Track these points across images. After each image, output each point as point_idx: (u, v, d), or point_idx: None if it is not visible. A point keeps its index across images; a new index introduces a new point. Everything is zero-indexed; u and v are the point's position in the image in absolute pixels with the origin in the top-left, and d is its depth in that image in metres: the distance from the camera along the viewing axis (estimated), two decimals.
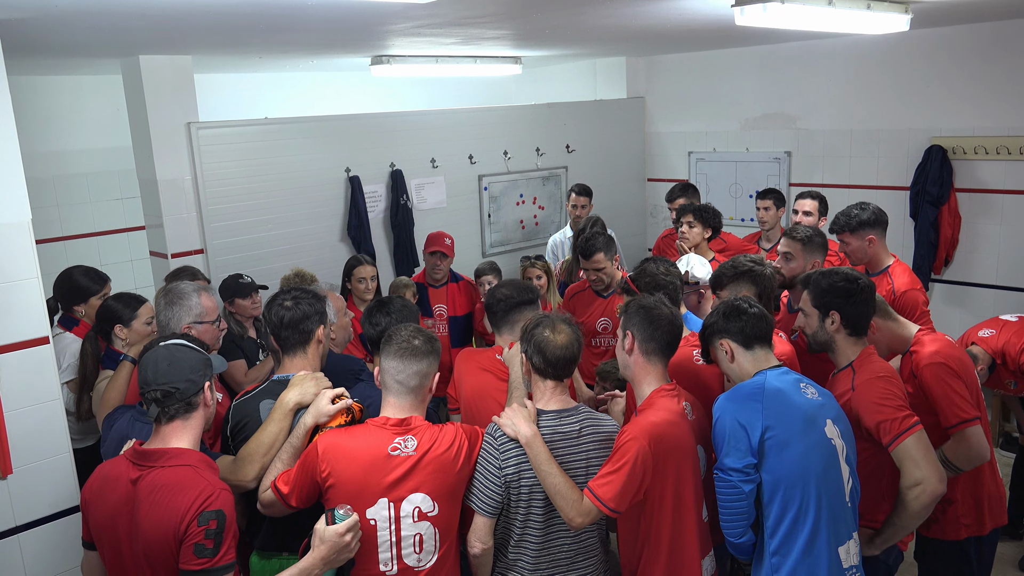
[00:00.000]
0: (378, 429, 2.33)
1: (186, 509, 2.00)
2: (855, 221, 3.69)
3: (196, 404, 2.17)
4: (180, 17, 3.24)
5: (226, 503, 2.04)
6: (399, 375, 2.34)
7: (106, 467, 2.22)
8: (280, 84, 6.86)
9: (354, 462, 2.27)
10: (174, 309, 2.97)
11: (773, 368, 2.46)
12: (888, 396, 2.48)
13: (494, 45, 5.10)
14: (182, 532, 1.99)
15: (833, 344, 2.67)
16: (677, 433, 2.38)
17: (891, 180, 5.89)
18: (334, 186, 5.40)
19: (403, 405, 2.36)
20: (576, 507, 2.29)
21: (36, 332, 2.94)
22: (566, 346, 2.43)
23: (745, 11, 3.33)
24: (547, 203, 6.68)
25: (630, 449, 2.30)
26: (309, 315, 2.60)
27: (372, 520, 2.27)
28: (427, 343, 2.37)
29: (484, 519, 2.36)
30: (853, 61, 5.96)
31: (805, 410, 2.36)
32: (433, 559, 2.32)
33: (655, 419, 2.37)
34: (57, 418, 3.01)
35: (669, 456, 2.35)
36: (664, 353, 2.50)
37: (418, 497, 2.28)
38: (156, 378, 2.12)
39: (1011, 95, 5.31)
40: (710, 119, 6.91)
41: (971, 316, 5.42)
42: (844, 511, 2.37)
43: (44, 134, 5.85)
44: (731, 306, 2.53)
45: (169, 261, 4.75)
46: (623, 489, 2.28)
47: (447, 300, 4.79)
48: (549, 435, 2.39)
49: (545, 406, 2.46)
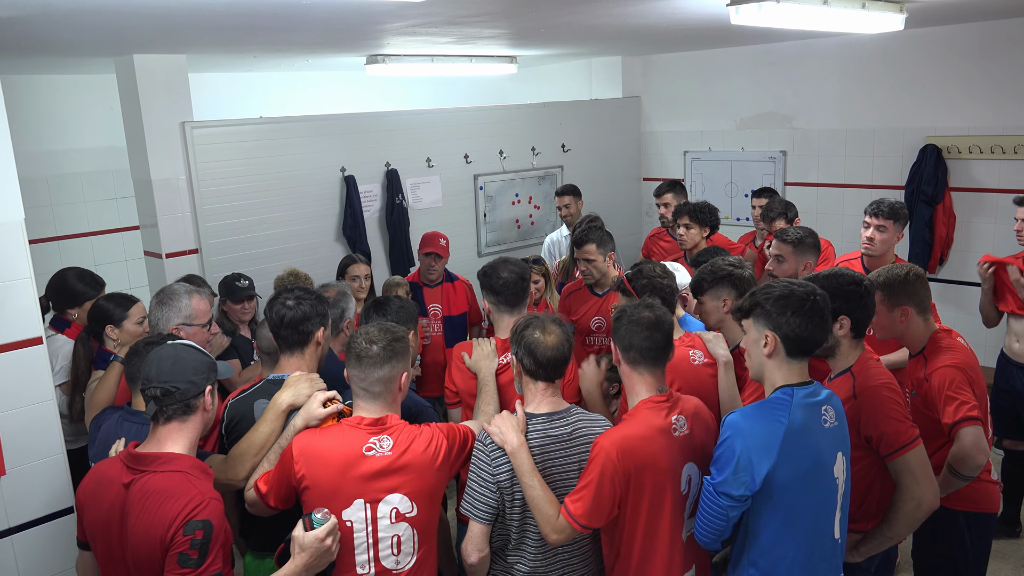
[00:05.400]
0: (352, 429, 2.28)
1: (173, 517, 1.97)
2: (903, 212, 3.74)
3: (195, 407, 2.14)
4: (174, 16, 3.23)
5: (214, 513, 2.00)
6: (362, 383, 2.29)
7: (101, 468, 2.19)
8: (275, 83, 6.85)
9: (328, 463, 2.23)
10: (164, 310, 2.97)
11: (801, 386, 2.20)
12: (894, 406, 2.42)
13: (489, 44, 5.10)
14: (168, 540, 1.97)
15: (836, 349, 2.58)
16: (652, 449, 2.23)
17: (886, 179, 5.90)
18: (329, 186, 5.39)
19: (373, 408, 2.32)
20: (551, 523, 2.22)
21: (29, 332, 2.93)
22: (556, 347, 2.37)
23: (740, 10, 3.33)
24: (543, 203, 6.68)
25: (597, 463, 2.21)
26: (310, 316, 2.58)
27: (348, 522, 2.22)
28: (386, 348, 2.29)
29: (480, 526, 2.32)
30: (848, 60, 5.97)
31: (820, 450, 2.18)
32: (412, 561, 2.28)
33: (628, 432, 2.26)
34: (50, 419, 3.00)
35: (643, 472, 2.22)
36: (649, 361, 2.33)
37: (396, 498, 2.24)
38: (158, 376, 2.09)
39: (1005, 94, 5.33)
40: (706, 118, 6.92)
41: (966, 315, 5.44)
42: (832, 549, 2.27)
43: (38, 134, 5.83)
44: (798, 298, 2.18)
45: (164, 261, 4.73)
46: (593, 505, 2.19)
47: (442, 300, 4.79)
48: (541, 439, 2.34)
49: (536, 409, 2.41)
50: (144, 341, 2.57)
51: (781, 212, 4.71)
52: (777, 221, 4.67)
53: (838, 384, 2.57)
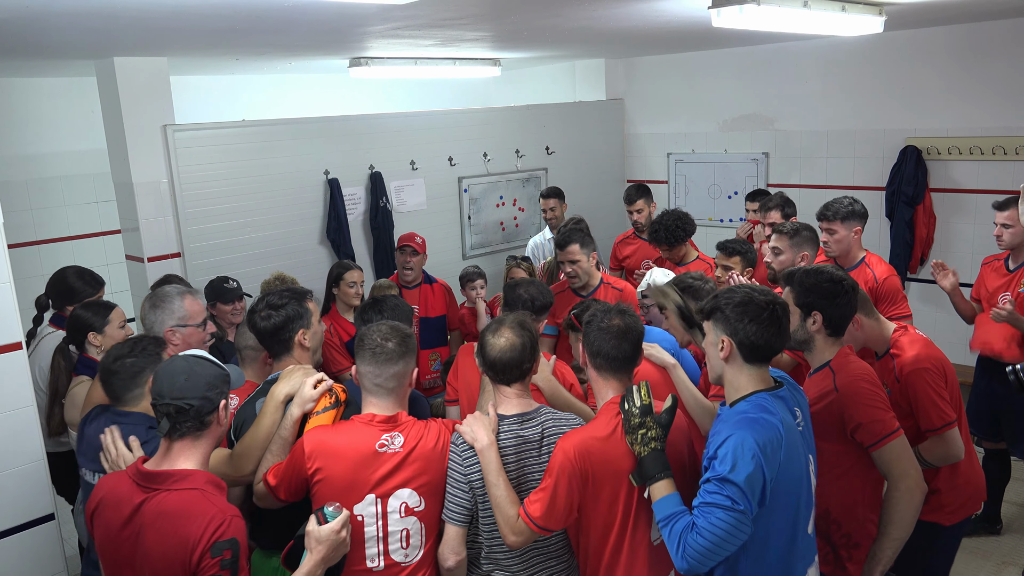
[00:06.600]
0: (365, 426, 2.32)
1: (196, 539, 1.93)
2: (847, 210, 3.76)
3: (209, 423, 2.09)
4: (155, 19, 3.20)
5: (239, 530, 1.98)
6: (376, 379, 2.34)
7: (108, 485, 2.13)
8: (258, 86, 6.81)
9: (342, 459, 2.27)
10: (157, 312, 2.98)
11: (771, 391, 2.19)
12: (875, 398, 2.47)
13: (473, 47, 5.10)
14: (194, 565, 1.93)
15: (811, 344, 2.63)
16: (607, 450, 2.22)
17: (867, 180, 5.96)
18: (313, 188, 5.36)
19: (385, 405, 2.36)
20: (511, 524, 2.21)
21: (9, 338, 2.90)
22: (504, 350, 2.35)
23: (721, 13, 3.35)
24: (527, 205, 6.68)
25: (555, 463, 2.21)
26: (283, 324, 2.67)
27: (359, 516, 2.27)
28: (400, 344, 2.35)
29: (456, 528, 2.32)
30: (829, 63, 6.02)
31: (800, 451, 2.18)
32: (419, 554, 2.33)
33: (589, 433, 2.25)
34: (31, 425, 2.97)
35: (602, 472, 2.20)
36: (615, 368, 2.33)
37: (405, 492, 2.29)
38: (171, 392, 2.03)
39: (984, 96, 5.39)
40: (689, 121, 6.95)
41: (946, 314, 5.48)
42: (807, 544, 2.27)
43: (17, 137, 5.76)
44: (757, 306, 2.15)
45: (146, 265, 4.70)
46: (550, 506, 2.18)
47: (420, 302, 4.78)
48: (512, 440, 2.34)
49: (506, 410, 2.41)
50: (114, 356, 2.54)
51: (779, 204, 4.66)
52: (773, 212, 4.62)
53: (818, 379, 2.61)
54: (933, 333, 3.28)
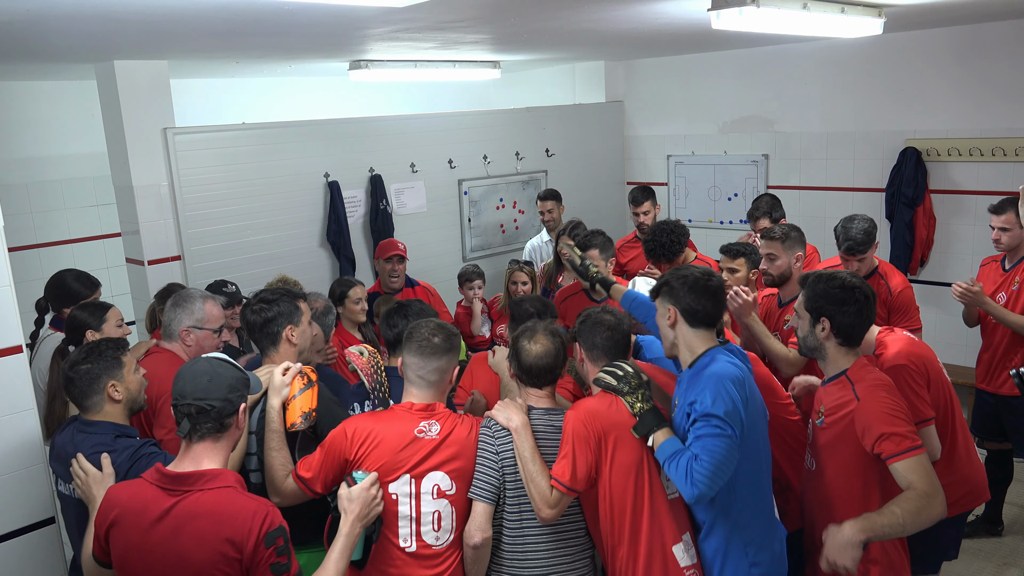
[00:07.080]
0: (405, 413, 2.47)
1: (246, 534, 1.95)
2: (870, 237, 3.75)
3: (228, 425, 2.10)
4: (155, 22, 3.21)
5: (279, 516, 2.04)
6: (420, 371, 2.47)
7: (124, 496, 2.08)
8: (258, 89, 6.81)
9: (384, 443, 2.40)
10: (177, 311, 3.09)
11: (722, 347, 2.48)
12: (898, 409, 2.40)
13: (473, 49, 5.10)
14: (248, 558, 1.95)
15: (823, 351, 2.58)
16: (611, 414, 2.43)
17: (867, 182, 5.96)
18: (313, 191, 5.37)
19: (425, 395, 2.50)
20: (545, 497, 2.36)
21: (10, 341, 2.89)
22: (540, 355, 2.53)
23: (721, 15, 3.35)
24: (527, 207, 6.68)
25: (568, 431, 2.40)
26: (272, 319, 2.73)
27: (394, 495, 2.39)
28: (446, 340, 2.49)
29: (484, 505, 2.43)
30: (829, 64, 6.02)
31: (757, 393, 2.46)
32: (450, 538, 2.43)
33: (591, 404, 2.47)
34: (31, 428, 2.96)
35: (610, 431, 2.40)
36: (609, 357, 2.57)
37: (438, 475, 2.41)
38: (193, 392, 2.05)
39: (983, 98, 5.40)
40: (688, 122, 6.95)
41: (947, 316, 5.49)
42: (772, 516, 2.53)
43: (17, 140, 5.76)
44: (694, 279, 2.49)
45: (146, 268, 4.70)
46: (575, 464, 2.35)
47: None
48: (542, 427, 2.50)
49: (535, 404, 2.58)
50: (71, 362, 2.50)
51: (766, 211, 4.72)
52: (761, 220, 4.67)
53: (833, 389, 2.56)
54: (934, 334, 3.29)
